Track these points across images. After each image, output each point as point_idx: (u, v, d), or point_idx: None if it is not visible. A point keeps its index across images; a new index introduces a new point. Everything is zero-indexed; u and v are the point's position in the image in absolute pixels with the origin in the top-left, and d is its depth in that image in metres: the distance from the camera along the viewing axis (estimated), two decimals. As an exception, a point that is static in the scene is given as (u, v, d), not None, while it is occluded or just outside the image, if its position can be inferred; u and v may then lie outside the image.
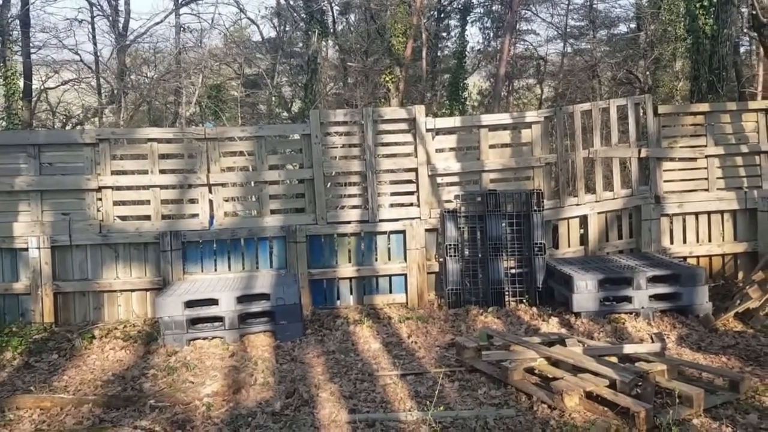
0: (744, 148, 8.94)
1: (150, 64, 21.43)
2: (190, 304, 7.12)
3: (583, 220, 8.86)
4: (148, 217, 8.32)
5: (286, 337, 7.13)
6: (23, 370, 6.50)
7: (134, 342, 7.21)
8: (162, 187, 8.34)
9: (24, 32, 17.85)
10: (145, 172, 8.36)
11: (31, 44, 18.32)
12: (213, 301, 7.17)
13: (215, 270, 8.35)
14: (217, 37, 22.50)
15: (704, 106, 9.24)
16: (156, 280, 8.15)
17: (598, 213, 8.83)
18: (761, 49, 10.40)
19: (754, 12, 3.76)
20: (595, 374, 5.31)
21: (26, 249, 7.99)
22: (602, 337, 6.93)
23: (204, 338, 7.12)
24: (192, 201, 8.50)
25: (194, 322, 7.16)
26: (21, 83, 17.22)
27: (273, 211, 8.62)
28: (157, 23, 20.39)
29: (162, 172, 8.37)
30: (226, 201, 8.62)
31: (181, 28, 20.89)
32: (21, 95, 17.16)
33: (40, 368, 6.56)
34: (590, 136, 9.07)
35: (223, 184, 8.50)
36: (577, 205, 8.79)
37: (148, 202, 8.35)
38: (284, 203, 8.90)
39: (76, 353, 6.97)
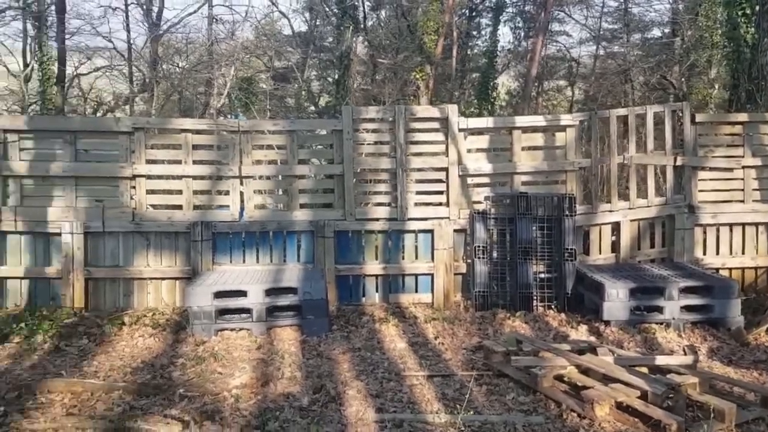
0: (782, 160, 8.78)
1: (182, 54, 21.55)
2: (219, 295, 7.17)
3: (615, 227, 8.76)
4: (180, 207, 8.39)
5: (312, 332, 7.14)
6: (54, 354, 6.59)
7: (163, 330, 7.27)
8: (194, 177, 8.40)
9: (59, 18, 18.04)
10: (178, 162, 8.42)
11: (65, 30, 18.53)
12: (242, 293, 7.21)
13: (243, 262, 8.40)
14: (248, 30, 22.54)
15: (743, 116, 9.07)
16: (185, 269, 8.21)
17: (631, 220, 8.72)
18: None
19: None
20: (627, 384, 5.24)
21: (59, 234, 8.09)
22: (632, 346, 6.85)
23: (231, 329, 7.16)
24: (223, 192, 8.54)
25: (222, 312, 7.20)
26: (55, 68, 17.42)
27: (302, 206, 8.64)
28: (191, 14, 20.53)
29: (195, 162, 8.42)
30: (257, 193, 8.66)
31: (214, 20, 20.98)
32: (55, 81, 17.36)
33: (71, 353, 6.65)
34: (625, 142, 8.95)
35: (254, 177, 8.54)
36: (610, 211, 8.69)
37: (180, 191, 8.41)
38: (313, 198, 8.92)
39: (106, 339, 7.05)
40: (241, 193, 8.47)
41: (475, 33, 24.37)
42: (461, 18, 22.50)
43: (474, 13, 23.82)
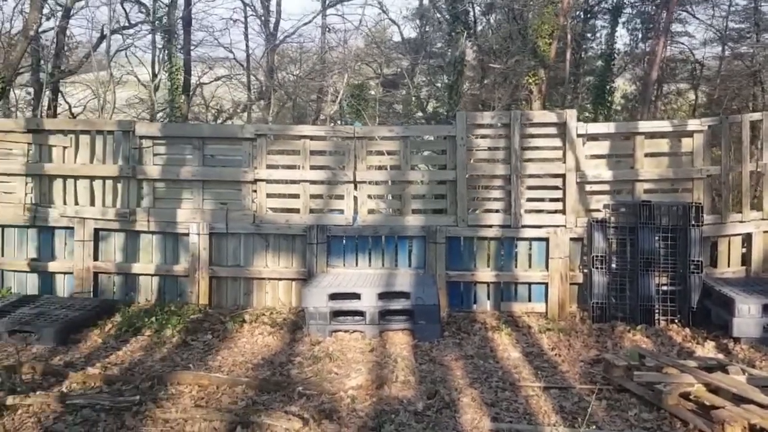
0: None
1: (296, 62, 22.35)
2: (333, 297, 7.34)
3: (747, 239, 8.20)
4: (297, 210, 8.68)
5: (424, 337, 7.16)
6: (181, 348, 6.99)
7: (280, 329, 7.54)
8: (311, 182, 8.67)
9: (186, 31, 19.21)
10: (296, 167, 8.71)
11: (191, 42, 19.70)
12: (355, 296, 7.35)
13: (356, 265, 8.56)
14: (359, 38, 23.04)
15: None
16: (301, 270, 8.48)
17: (764, 232, 8.14)
18: None
19: None
20: (761, 406, 4.89)
21: (187, 234, 8.58)
22: (765, 366, 6.37)
23: (345, 331, 7.32)
24: (338, 197, 8.76)
25: (337, 314, 7.37)
26: (182, 78, 18.55)
27: (414, 211, 8.70)
28: (306, 24, 21.23)
29: (311, 167, 8.68)
30: (370, 198, 8.81)
31: (327, 29, 21.61)
32: (181, 90, 18.48)
33: (196, 347, 7.03)
34: (757, 149, 8.36)
35: (367, 182, 8.70)
36: (741, 222, 8.15)
37: (297, 195, 8.71)
38: (425, 203, 8.96)
39: (228, 335, 7.40)
40: (355, 198, 8.65)
41: (589, 35, 23.63)
42: (576, 20, 21.89)
43: (589, 15, 23.10)
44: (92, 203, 8.85)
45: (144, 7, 19.49)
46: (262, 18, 21.67)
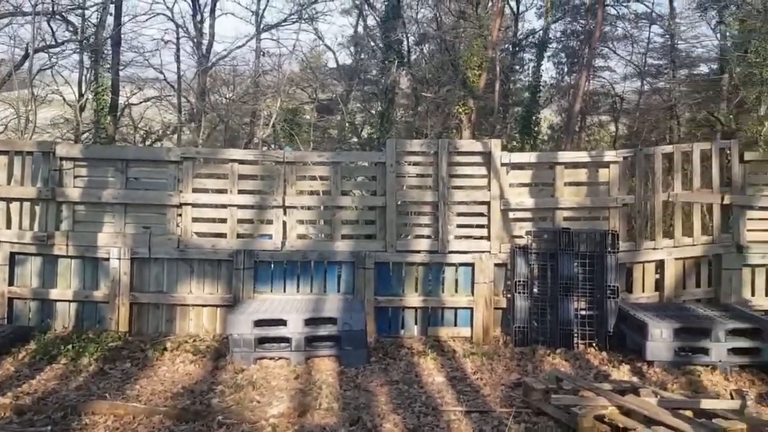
0: (836, 200, 8.52)
1: (229, 85, 22.17)
2: (259, 323, 7.25)
3: (660, 265, 8.60)
4: (223, 235, 8.56)
5: (350, 363, 7.15)
6: (98, 376, 6.75)
7: (203, 357, 7.38)
8: (239, 206, 8.58)
9: (114, 51, 18.78)
10: (224, 192, 8.62)
11: (119, 62, 19.28)
12: (281, 322, 7.28)
13: (284, 291, 8.49)
14: (294, 62, 23.10)
15: (794, 155, 8.88)
16: (227, 297, 8.35)
17: (676, 258, 8.55)
18: None
19: None
20: (670, 428, 5.10)
21: (107, 259, 8.32)
22: (676, 388, 6.65)
23: (270, 358, 7.23)
24: (267, 222, 8.70)
25: (262, 341, 7.27)
26: (109, 98, 18.08)
27: (344, 236, 8.73)
28: (239, 47, 21.12)
29: (240, 192, 8.61)
30: (299, 223, 8.79)
31: (262, 53, 21.57)
32: (108, 110, 18.01)
33: (114, 376, 6.80)
34: (670, 179, 8.83)
35: (297, 207, 8.69)
36: (654, 249, 8.55)
37: (224, 220, 8.60)
38: (355, 229, 9.01)
39: (148, 363, 7.19)
40: (284, 223, 8.61)
41: (518, 67, 24.46)
42: (504, 53, 22.64)
43: (517, 48, 23.95)
44: (8, 226, 8.48)
45: (72, 25, 18.98)
46: (195, 40, 21.42)
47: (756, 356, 7.17)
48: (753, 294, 8.56)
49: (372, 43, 21.71)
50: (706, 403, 5.70)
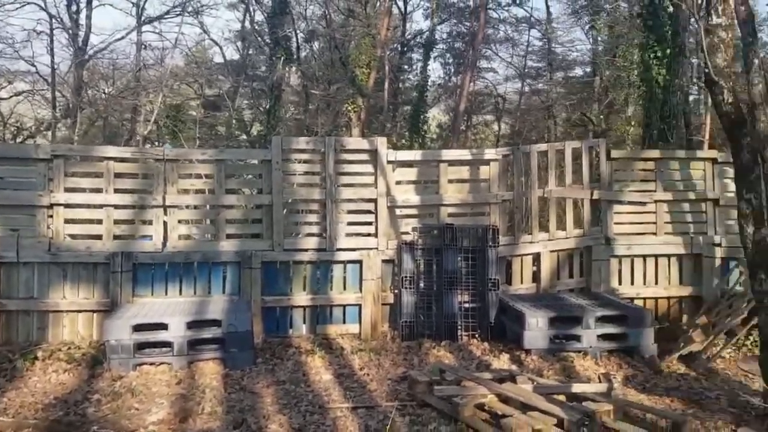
0: (691, 195, 9.28)
1: (108, 80, 21.07)
2: (138, 328, 6.96)
3: (536, 258, 9.03)
4: (99, 237, 8.13)
5: (236, 366, 7.01)
6: (-41, 391, 6.23)
7: (78, 365, 6.98)
8: (116, 206, 8.19)
9: (-21, 40, 17.41)
10: (100, 191, 8.19)
11: (-15, 53, 17.89)
12: (162, 326, 7.03)
13: (166, 294, 8.19)
14: (178, 57, 22.29)
15: (655, 153, 9.58)
16: (104, 301, 7.94)
17: (551, 251, 9.01)
18: (710, 101, 10.93)
19: (706, 70, 4.00)
20: (544, 412, 5.38)
21: (-31, 264, 7.70)
22: (551, 374, 7.03)
23: (151, 363, 6.95)
24: (146, 222, 8.35)
25: (142, 346, 6.98)
26: (-27, 91, 16.73)
27: (229, 236, 8.53)
28: (118, 39, 20.09)
29: (117, 191, 8.21)
30: (182, 223, 8.51)
31: (143, 46, 20.65)
32: (-28, 104, 16.66)
33: (-23, 389, 6.30)
34: (546, 176, 9.29)
35: (179, 207, 8.40)
36: (531, 242, 8.97)
37: (100, 221, 8.17)
38: (241, 228, 8.83)
39: (18, 375, 6.72)
40: (165, 223, 8.30)
41: (407, 67, 24.94)
42: (393, 52, 22.98)
43: (405, 48, 24.40)
44: None
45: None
46: (70, 31, 20.18)
47: (623, 341, 7.69)
48: (620, 283, 9.16)
49: (259, 39, 21.34)
50: (577, 388, 6.07)
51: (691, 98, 17.00)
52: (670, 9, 11.03)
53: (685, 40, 11.75)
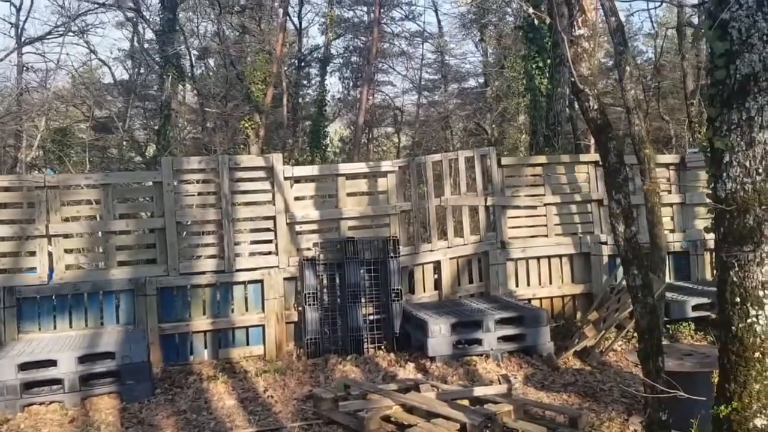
0: (577, 197, 9.75)
1: (-14, 104, 19.82)
2: (24, 367, 6.53)
3: (437, 266, 9.20)
4: (-24, 272, 7.60)
5: (133, 398, 6.70)
6: None
7: (-44, 413, 6.46)
8: (-5, 239, 7.68)
9: None
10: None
11: None
12: (51, 363, 6.63)
13: (55, 328, 7.74)
14: (64, 78, 21.26)
15: (542, 159, 10.02)
16: (-16, 341, 7.40)
17: (451, 258, 9.20)
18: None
19: (573, 79, 4.25)
20: (448, 419, 5.48)
21: None
22: (455, 380, 7.16)
23: (41, 403, 6.54)
24: (29, 253, 7.87)
25: (29, 386, 6.56)
26: None
27: (121, 263, 8.17)
28: (-2, 62, 18.96)
29: (-3, 222, 7.71)
30: (68, 253, 8.07)
31: (24, 68, 19.57)
32: None
33: None
34: (442, 185, 9.51)
35: (64, 235, 7.96)
36: (431, 251, 9.12)
37: (-23, 255, 7.64)
38: (134, 254, 8.48)
39: None
40: (50, 253, 7.85)
41: (305, 82, 24.94)
42: (290, 68, 22.93)
43: (303, 64, 24.40)
44: None
45: None
46: (-60, 52, 18.87)
47: (521, 341, 7.94)
48: (517, 285, 9.48)
49: (148, 58, 20.70)
50: (478, 391, 6.22)
51: (576, 105, 17.94)
52: (549, 21, 11.60)
53: (565, 50, 12.37)
